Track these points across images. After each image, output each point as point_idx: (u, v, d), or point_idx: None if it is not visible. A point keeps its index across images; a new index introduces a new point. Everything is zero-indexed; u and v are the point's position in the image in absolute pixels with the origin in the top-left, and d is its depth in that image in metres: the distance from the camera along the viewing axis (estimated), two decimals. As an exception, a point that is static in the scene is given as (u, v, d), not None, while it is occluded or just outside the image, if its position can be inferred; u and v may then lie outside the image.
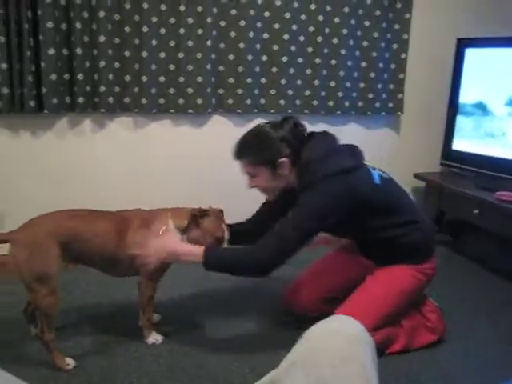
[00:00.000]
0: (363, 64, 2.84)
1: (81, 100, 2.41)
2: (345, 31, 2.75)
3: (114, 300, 2.16)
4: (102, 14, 2.36)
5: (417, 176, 3.05)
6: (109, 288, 2.21)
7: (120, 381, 1.61)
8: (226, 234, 1.75)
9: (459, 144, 2.87)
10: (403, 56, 2.86)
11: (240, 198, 2.78)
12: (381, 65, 2.85)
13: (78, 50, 2.36)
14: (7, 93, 2.29)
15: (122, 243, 1.69)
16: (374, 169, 1.73)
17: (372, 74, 2.85)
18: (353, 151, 1.70)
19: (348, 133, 2.95)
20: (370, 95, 2.88)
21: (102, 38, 2.38)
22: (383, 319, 1.67)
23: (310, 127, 2.81)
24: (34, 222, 1.65)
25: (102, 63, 2.41)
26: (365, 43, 2.81)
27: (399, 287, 1.71)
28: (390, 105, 2.94)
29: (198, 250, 1.59)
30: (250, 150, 1.67)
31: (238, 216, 1.93)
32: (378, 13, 2.78)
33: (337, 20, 2.73)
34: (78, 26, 2.34)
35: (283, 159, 1.63)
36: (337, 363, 0.89)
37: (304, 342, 0.97)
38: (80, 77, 2.39)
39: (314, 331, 0.99)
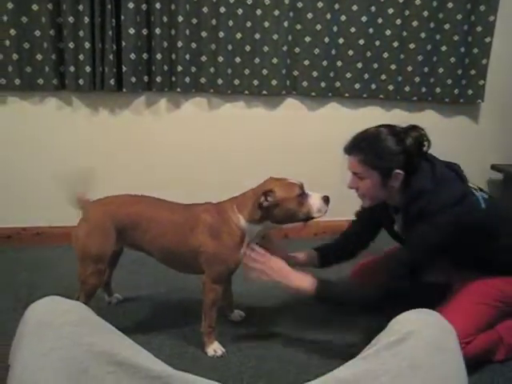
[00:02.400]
0: (443, 48, 2.71)
1: (158, 79, 2.45)
2: (426, 13, 2.64)
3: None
4: (181, -6, 2.38)
5: (494, 167, 2.91)
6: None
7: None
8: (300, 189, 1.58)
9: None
10: (488, 40, 2.70)
11: (319, 185, 2.76)
12: (462, 49, 2.71)
13: (157, 30, 2.39)
14: (89, 71, 2.36)
15: (186, 238, 1.58)
16: (476, 190, 1.62)
17: (452, 59, 2.72)
18: (459, 175, 1.59)
19: (424, 120, 2.80)
20: (449, 81, 2.75)
21: (180, 18, 2.40)
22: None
23: (385, 113, 2.79)
24: (102, 201, 1.66)
25: (180, 43, 2.43)
26: (446, 26, 2.67)
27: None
28: (470, 92, 2.79)
29: (309, 280, 1.54)
30: (370, 150, 1.52)
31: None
32: (462, -7, 2.64)
33: (418, 2, 2.62)
34: (158, 6, 2.37)
35: (399, 171, 1.50)
36: (432, 351, 0.88)
37: (397, 327, 0.95)
38: (158, 56, 2.42)
39: (409, 319, 0.97)
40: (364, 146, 1.54)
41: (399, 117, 2.82)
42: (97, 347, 0.79)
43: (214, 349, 1.63)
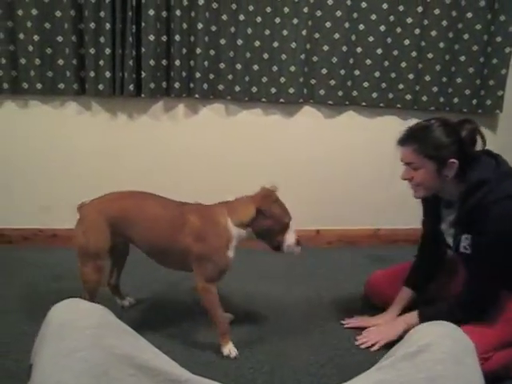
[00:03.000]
0: (462, 58, 2.69)
1: (176, 85, 2.48)
2: (445, 23, 2.63)
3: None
4: (201, 1, 2.41)
5: None
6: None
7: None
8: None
9: None
10: (507, 50, 2.67)
11: (334, 194, 2.77)
12: (481, 59, 2.69)
13: (177, 37, 2.42)
14: (109, 77, 2.40)
15: (173, 236, 1.62)
16: None
17: (471, 69, 2.70)
18: None
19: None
20: (467, 91, 2.73)
21: (199, 26, 2.43)
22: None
23: (402, 122, 2.78)
24: (95, 200, 1.70)
25: (199, 50, 2.46)
26: (465, 36, 2.66)
27: None
28: (488, 102, 2.77)
29: (413, 318, 1.65)
30: (424, 139, 1.56)
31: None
32: (482, 3, 2.62)
33: (437, 11, 2.61)
34: (178, 13, 2.40)
35: (454, 160, 1.53)
36: (450, 364, 0.88)
37: (414, 339, 0.95)
38: (177, 63, 2.45)
39: (426, 331, 0.97)
40: (418, 136, 1.58)
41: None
42: (117, 349, 0.80)
43: (230, 349, 1.66)
